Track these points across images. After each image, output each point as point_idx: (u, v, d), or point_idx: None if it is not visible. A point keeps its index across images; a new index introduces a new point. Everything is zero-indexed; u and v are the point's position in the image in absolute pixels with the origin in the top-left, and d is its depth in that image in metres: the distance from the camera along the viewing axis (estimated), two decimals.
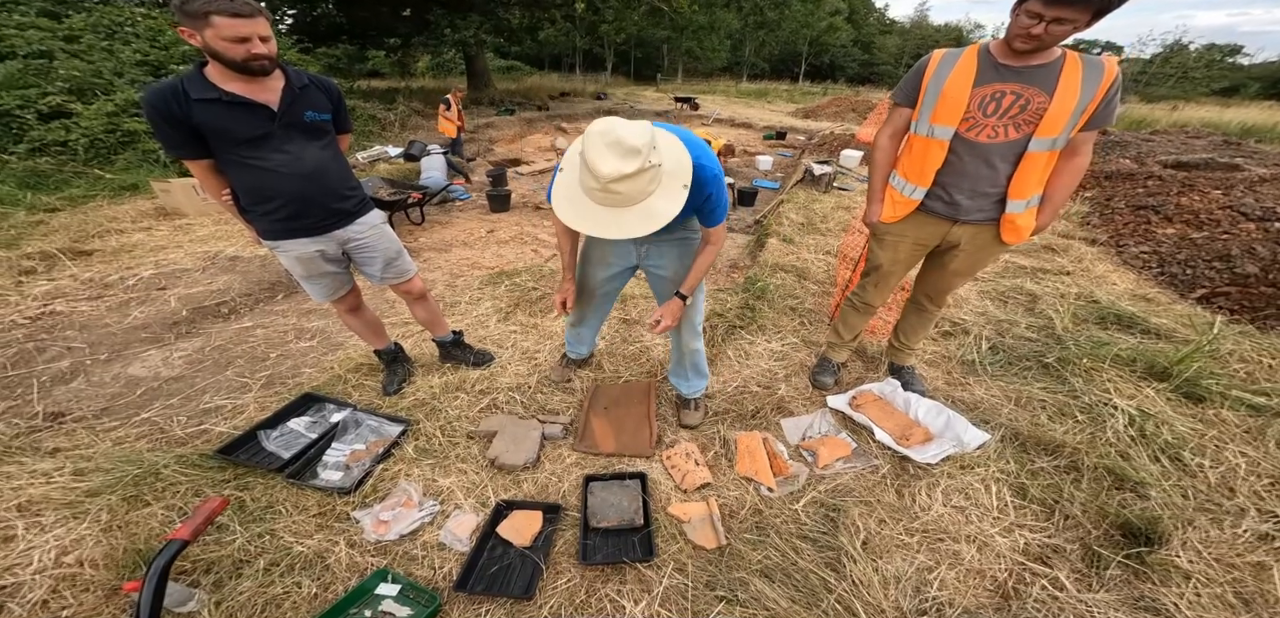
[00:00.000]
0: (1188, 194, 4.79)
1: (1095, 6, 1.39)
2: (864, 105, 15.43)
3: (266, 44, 1.53)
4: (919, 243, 1.98)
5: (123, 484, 1.71)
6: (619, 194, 1.18)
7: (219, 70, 1.54)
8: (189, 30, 1.47)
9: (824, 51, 40.97)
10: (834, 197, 5.39)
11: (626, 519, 1.73)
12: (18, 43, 5.98)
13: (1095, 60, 1.52)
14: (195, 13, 1.43)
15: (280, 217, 1.76)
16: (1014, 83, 1.57)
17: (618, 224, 1.21)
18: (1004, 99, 1.59)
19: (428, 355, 2.65)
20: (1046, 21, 1.42)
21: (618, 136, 1.15)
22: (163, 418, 2.23)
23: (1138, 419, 2.09)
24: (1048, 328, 2.84)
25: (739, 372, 2.56)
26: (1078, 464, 1.91)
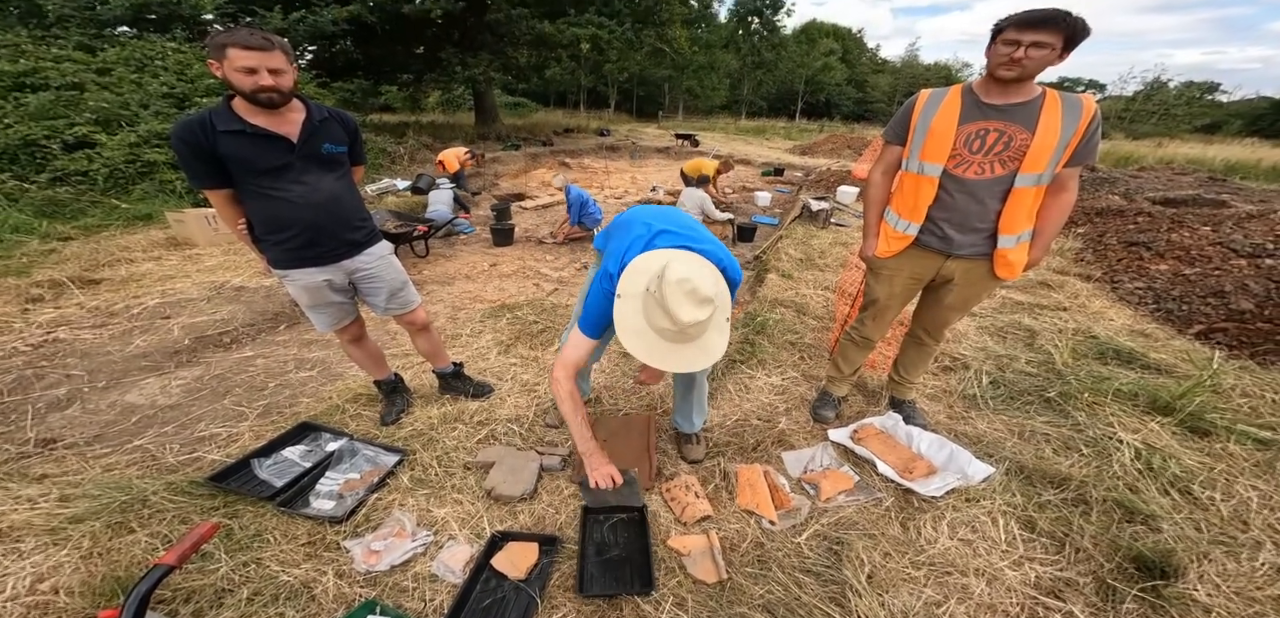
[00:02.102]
0: (1178, 230, 4.87)
1: (1067, 32, 1.47)
2: (859, 142, 15.86)
3: (276, 77, 1.60)
4: (914, 277, 2.01)
5: (108, 511, 1.67)
6: (689, 335, 1.29)
7: (244, 103, 1.62)
8: (215, 63, 1.56)
9: (819, 90, 42.40)
10: (831, 232, 5.48)
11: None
12: (52, 75, 6.14)
13: (1074, 98, 1.59)
14: (218, 46, 1.53)
15: (293, 245, 1.80)
16: (997, 120, 1.63)
17: (681, 359, 1.32)
18: (988, 136, 1.64)
19: (427, 386, 2.64)
20: (1025, 46, 1.50)
21: (694, 287, 1.27)
22: (156, 445, 2.20)
23: (1144, 453, 2.06)
24: (1048, 363, 2.84)
25: (739, 405, 2.55)
26: (1086, 497, 1.87)
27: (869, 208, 2.05)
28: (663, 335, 1.33)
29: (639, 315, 1.39)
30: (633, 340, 1.37)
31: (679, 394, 2.19)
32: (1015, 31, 1.51)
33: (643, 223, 1.63)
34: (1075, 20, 1.47)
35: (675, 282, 1.27)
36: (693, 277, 1.29)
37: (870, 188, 2.02)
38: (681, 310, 1.26)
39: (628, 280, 1.46)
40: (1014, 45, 1.52)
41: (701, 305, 1.27)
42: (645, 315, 1.37)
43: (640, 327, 1.38)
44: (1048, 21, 1.48)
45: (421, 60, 13.84)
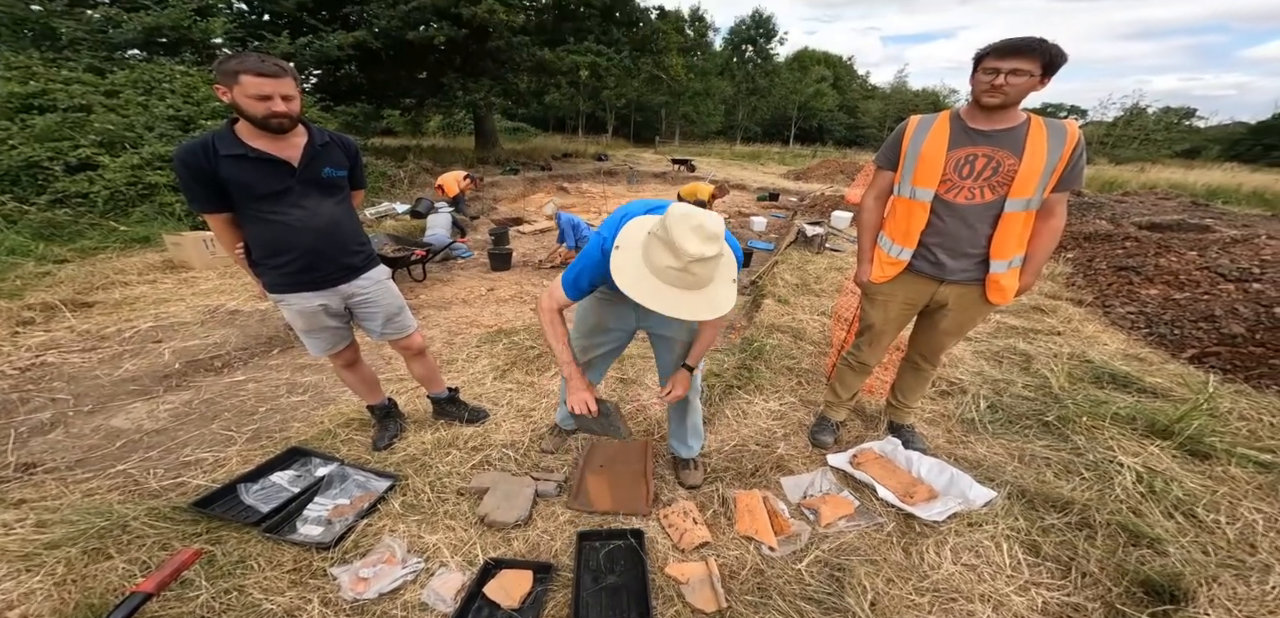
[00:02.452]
0: (1165, 255, 4.94)
1: (1045, 59, 1.52)
2: (851, 167, 16.08)
3: (288, 103, 1.62)
4: (908, 302, 2.01)
5: (85, 536, 1.62)
6: (694, 275, 1.23)
7: (248, 127, 1.63)
8: (223, 88, 1.57)
9: (812, 116, 43.18)
10: (826, 257, 5.53)
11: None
12: (61, 97, 6.13)
13: (1058, 124, 1.63)
14: (229, 71, 1.54)
15: (291, 270, 1.79)
16: (985, 146, 1.66)
17: (687, 305, 1.25)
18: (976, 161, 1.67)
19: (422, 411, 2.61)
20: (1004, 73, 1.55)
21: (700, 222, 1.23)
22: (139, 470, 2.15)
23: (1146, 476, 2.05)
24: (1044, 387, 2.84)
25: (737, 430, 2.52)
26: (1089, 521, 1.84)
27: (863, 233, 2.07)
28: (665, 277, 1.26)
29: (639, 262, 1.32)
30: (633, 285, 1.29)
31: (675, 418, 2.17)
32: (995, 59, 1.56)
33: (643, 204, 1.59)
34: (1051, 47, 1.52)
35: (681, 216, 1.23)
36: (696, 214, 1.24)
37: (863, 213, 2.04)
38: (688, 242, 1.20)
39: (627, 233, 1.40)
40: (994, 73, 1.56)
41: (709, 241, 1.21)
42: (647, 260, 1.30)
43: (641, 272, 1.31)
44: (1025, 48, 1.52)
45: (424, 85, 14.10)
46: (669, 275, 1.25)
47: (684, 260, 1.20)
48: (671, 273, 1.24)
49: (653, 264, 1.29)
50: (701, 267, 1.21)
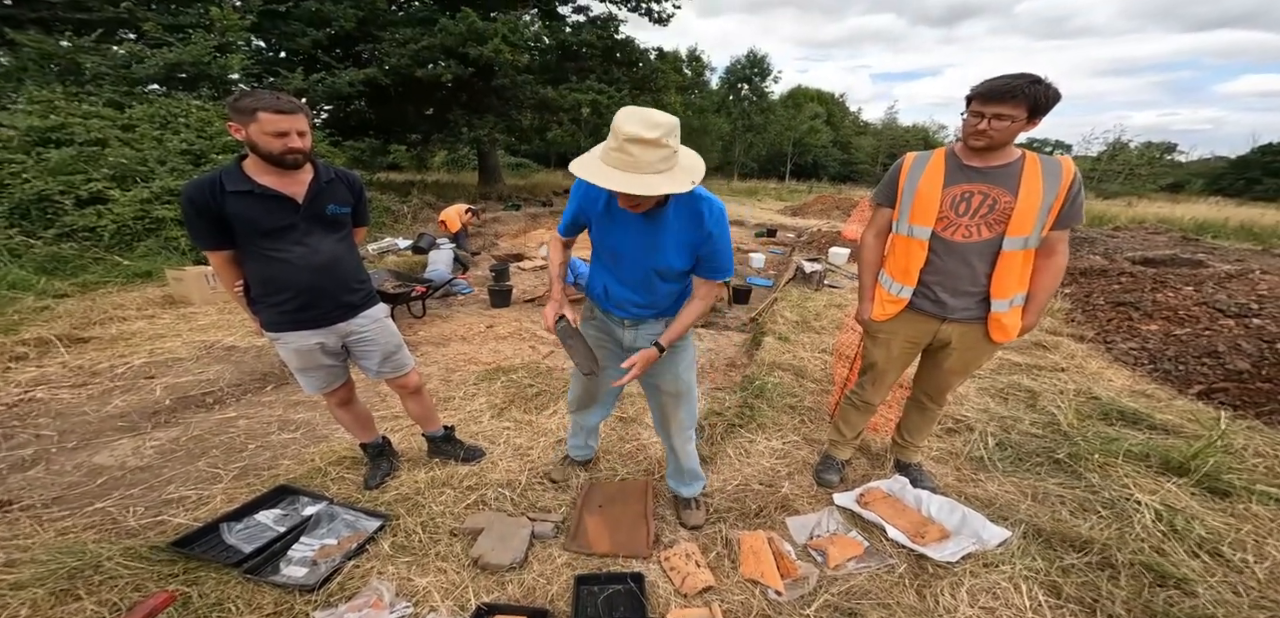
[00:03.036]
0: (1162, 290, 4.96)
1: (1030, 103, 1.51)
2: (847, 202, 16.26)
3: (302, 139, 1.64)
4: (910, 341, 1.98)
5: (55, 577, 1.54)
6: (632, 155, 1.25)
7: (256, 164, 1.64)
8: (236, 125, 1.59)
9: (806, 152, 43.96)
10: (826, 294, 5.53)
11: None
12: (78, 130, 6.16)
13: (1053, 161, 1.63)
14: (244, 109, 1.56)
15: (289, 308, 1.77)
16: (980, 183, 1.66)
17: (619, 180, 1.27)
18: (973, 198, 1.67)
19: (416, 449, 2.54)
20: (988, 118, 1.56)
21: (646, 113, 1.28)
22: (118, 508, 2.06)
23: (1165, 515, 1.98)
24: (1053, 424, 2.78)
25: (739, 470, 2.45)
26: (1111, 561, 1.77)
27: (863, 271, 2.06)
28: (606, 159, 1.30)
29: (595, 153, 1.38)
30: (579, 165, 1.35)
31: (670, 457, 2.12)
32: (979, 105, 1.57)
33: None
34: (1037, 92, 1.50)
35: (629, 108, 1.29)
36: (647, 110, 1.28)
37: (863, 250, 2.03)
38: (626, 123, 1.25)
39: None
40: (979, 117, 1.57)
41: (647, 126, 1.24)
42: (602, 150, 1.35)
43: (589, 160, 1.36)
44: (1007, 94, 1.50)
45: (430, 121, 14.50)
46: (609, 157, 1.30)
47: (619, 139, 1.25)
48: (612, 154, 1.29)
49: (604, 150, 1.34)
50: (638, 148, 1.24)
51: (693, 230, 1.52)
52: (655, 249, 1.56)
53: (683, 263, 1.58)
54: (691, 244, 1.54)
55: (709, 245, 1.53)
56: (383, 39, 11.42)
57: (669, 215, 1.52)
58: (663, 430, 2.06)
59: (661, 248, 1.55)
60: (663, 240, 1.54)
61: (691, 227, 1.52)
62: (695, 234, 1.52)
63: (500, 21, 11.59)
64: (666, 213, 1.52)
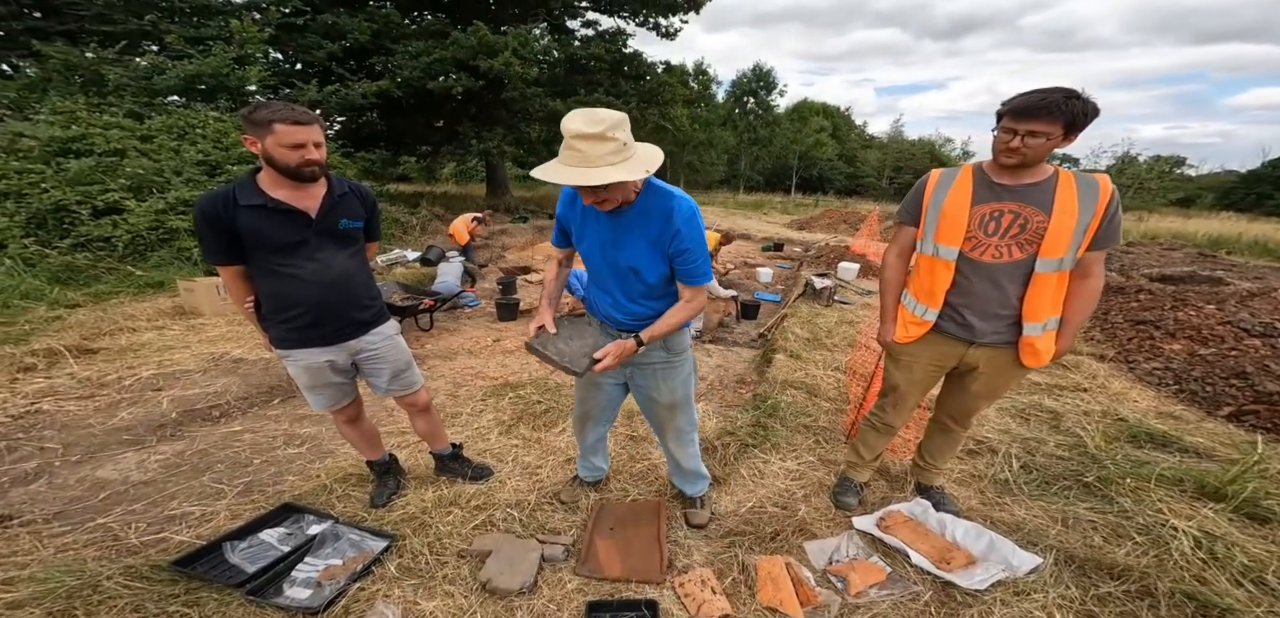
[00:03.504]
0: (1182, 309, 4.84)
1: (1066, 119, 1.44)
2: (854, 216, 16.11)
3: (319, 150, 1.62)
4: (935, 364, 1.91)
5: (52, 596, 1.50)
6: (580, 151, 1.30)
7: (270, 177, 1.62)
8: (252, 138, 1.57)
9: (812, 165, 43.62)
10: (836, 310, 5.46)
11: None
12: (98, 141, 6.23)
13: (1089, 179, 1.56)
14: (260, 122, 1.53)
15: (299, 325, 1.74)
16: (1011, 202, 1.59)
17: (573, 176, 1.33)
18: (1003, 217, 1.60)
19: (423, 466, 2.49)
20: (1021, 135, 1.49)
21: (590, 111, 1.33)
22: (120, 524, 2.03)
23: (1205, 542, 1.88)
24: (1079, 446, 2.69)
25: (754, 491, 2.38)
26: (1150, 589, 1.68)
27: (885, 291, 1.99)
28: (560, 159, 1.36)
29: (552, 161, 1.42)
30: (538, 169, 1.39)
31: (669, 460, 2.13)
32: (1011, 121, 1.51)
33: None
34: (1075, 107, 1.41)
35: (575, 111, 1.34)
36: (596, 108, 1.34)
37: (885, 270, 1.97)
38: (571, 122, 1.31)
39: None
40: (1011, 133, 1.51)
41: (591, 122, 1.30)
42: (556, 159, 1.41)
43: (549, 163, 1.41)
44: (1042, 111, 1.44)
45: (440, 133, 14.66)
46: (563, 156, 1.35)
47: (568, 137, 1.30)
48: (564, 154, 1.35)
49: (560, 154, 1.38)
50: (585, 143, 1.29)
51: (660, 226, 1.52)
52: (624, 247, 1.57)
53: (655, 263, 1.57)
54: (660, 242, 1.54)
55: (678, 242, 1.52)
56: (396, 52, 11.60)
57: (638, 213, 1.53)
58: (661, 438, 2.07)
59: (630, 245, 1.56)
60: (631, 238, 1.55)
61: (660, 223, 1.52)
62: (663, 230, 1.52)
63: (511, 35, 11.74)
64: (635, 210, 1.53)
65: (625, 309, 1.70)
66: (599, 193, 1.39)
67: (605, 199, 1.42)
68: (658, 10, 15.59)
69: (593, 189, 1.36)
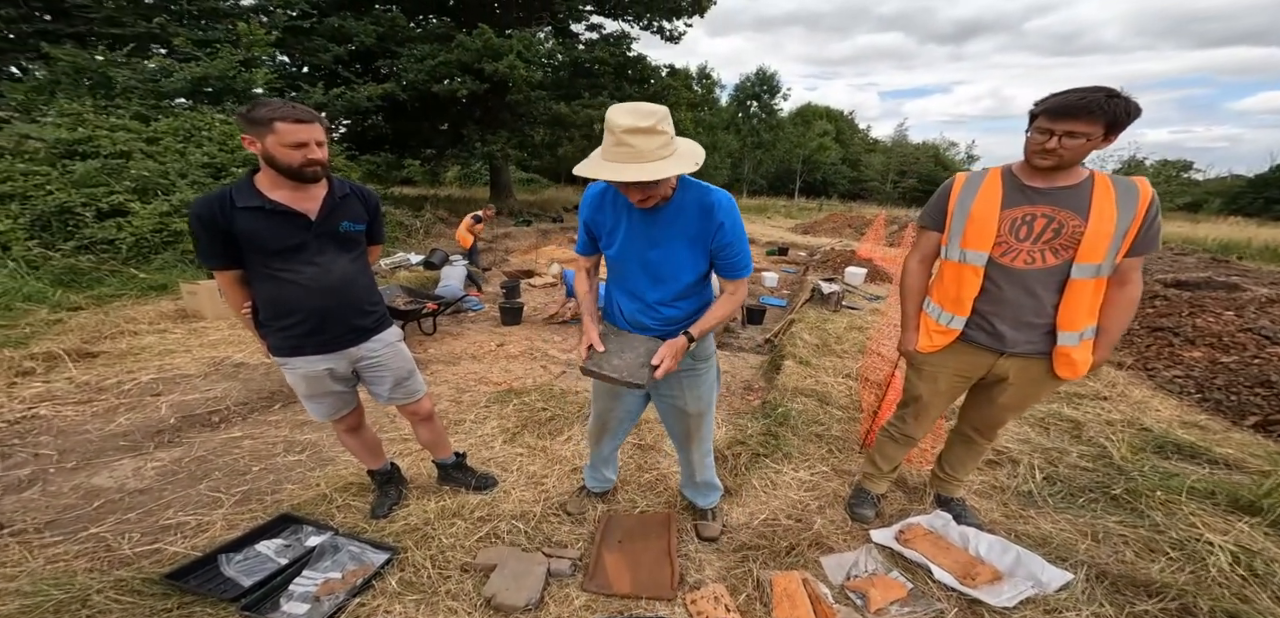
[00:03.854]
0: (1200, 315, 4.74)
1: (1107, 119, 1.36)
2: (859, 220, 16.02)
3: (321, 149, 1.56)
4: (961, 374, 1.83)
5: (39, 610, 1.44)
6: (633, 147, 1.27)
7: (269, 178, 1.56)
8: (251, 138, 1.50)
9: (816, 169, 43.62)
10: (845, 316, 5.37)
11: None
12: (104, 143, 6.21)
13: (1128, 182, 1.48)
14: (260, 120, 1.47)
15: (298, 332, 1.67)
16: (1044, 205, 1.52)
17: (621, 171, 1.29)
18: (1035, 221, 1.52)
19: (425, 475, 2.42)
20: (1058, 136, 1.41)
21: (635, 106, 1.30)
22: (114, 534, 1.97)
23: (1243, 557, 1.80)
24: (1103, 457, 2.60)
25: (767, 503, 2.30)
26: (1189, 608, 1.61)
27: (906, 298, 1.90)
28: (607, 154, 1.32)
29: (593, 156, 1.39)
30: (585, 168, 1.35)
31: (681, 460, 2.05)
32: (1047, 121, 1.43)
33: None
34: (1117, 106, 1.33)
35: (618, 106, 1.31)
36: (636, 103, 1.32)
37: (907, 277, 1.88)
38: (619, 118, 1.27)
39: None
40: (1047, 134, 1.43)
41: (639, 116, 1.28)
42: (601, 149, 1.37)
43: (592, 159, 1.38)
44: (1082, 111, 1.35)
45: (444, 136, 14.71)
46: (610, 152, 1.31)
47: (618, 133, 1.26)
48: (613, 150, 1.30)
49: (599, 151, 1.35)
50: (638, 138, 1.26)
51: (703, 223, 1.49)
52: (661, 245, 1.52)
53: (695, 260, 1.54)
54: (703, 239, 1.51)
55: (722, 237, 1.50)
56: (401, 55, 11.63)
57: (675, 210, 1.49)
58: (682, 449, 1.99)
59: (668, 243, 1.52)
60: (669, 236, 1.50)
61: (702, 219, 1.49)
62: (706, 226, 1.49)
63: (515, 37, 11.75)
64: (672, 207, 1.49)
65: (656, 313, 1.63)
66: (648, 189, 1.35)
67: (650, 195, 1.38)
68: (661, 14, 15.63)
69: (641, 186, 1.32)
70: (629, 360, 1.55)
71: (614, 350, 1.58)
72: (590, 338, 1.58)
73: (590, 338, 1.58)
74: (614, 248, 1.60)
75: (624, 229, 1.56)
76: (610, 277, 1.73)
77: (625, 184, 1.35)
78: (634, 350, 1.59)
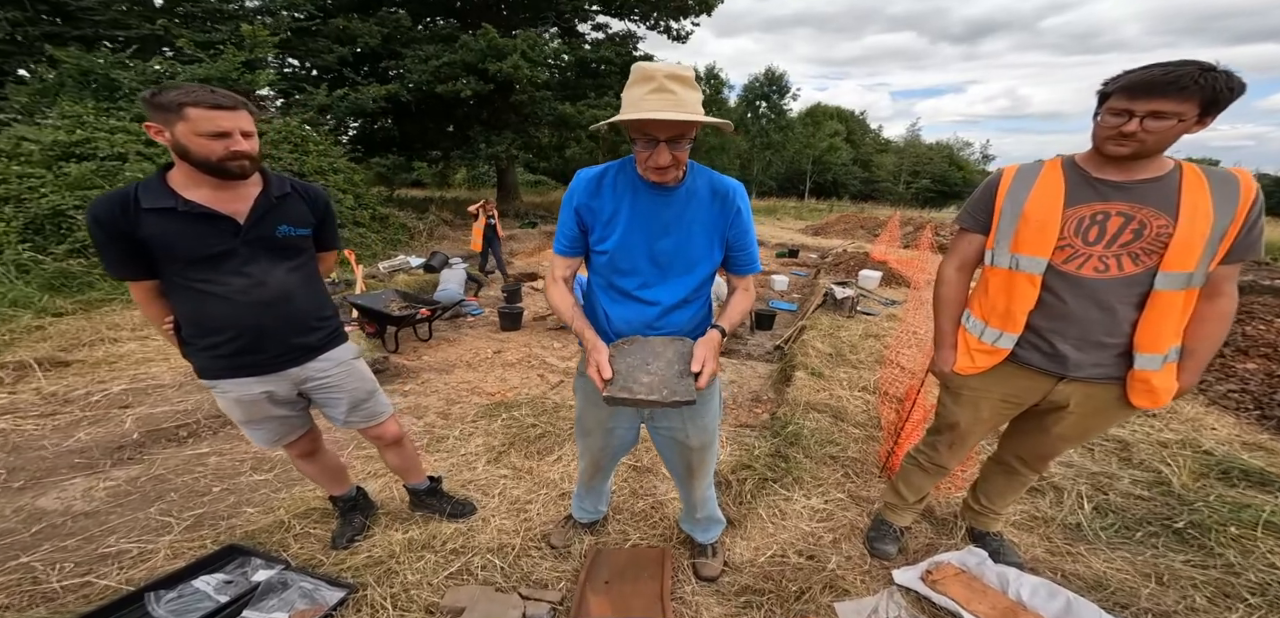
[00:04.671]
0: (1250, 322, 4.37)
1: (1204, 96, 1.09)
2: (871, 222, 15.59)
3: (249, 141, 1.34)
4: (1010, 400, 1.56)
5: None
6: (676, 94, 1.16)
7: (185, 174, 1.33)
8: (157, 126, 1.28)
9: (826, 170, 42.97)
10: (860, 322, 5.07)
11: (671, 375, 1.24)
12: (102, 145, 6.13)
13: (1224, 174, 1.21)
14: (167, 106, 1.24)
15: (226, 351, 1.44)
16: (1120, 201, 1.24)
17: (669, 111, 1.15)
18: (1109, 221, 1.25)
19: (399, 499, 2.20)
20: (1139, 117, 1.15)
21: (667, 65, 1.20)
22: (46, 564, 1.78)
23: None
24: (1161, 483, 2.30)
25: (774, 536, 2.04)
26: None
27: (941, 310, 1.63)
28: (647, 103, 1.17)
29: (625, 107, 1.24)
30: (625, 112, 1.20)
31: (682, 492, 1.80)
32: (1125, 99, 1.16)
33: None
34: (1213, 81, 1.08)
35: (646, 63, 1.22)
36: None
37: (942, 285, 1.61)
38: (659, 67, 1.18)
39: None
40: (1125, 115, 1.17)
41: (680, 70, 1.19)
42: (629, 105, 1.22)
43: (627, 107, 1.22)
44: (1174, 86, 1.09)
45: (451, 138, 14.64)
46: (651, 100, 1.18)
47: (660, 78, 1.18)
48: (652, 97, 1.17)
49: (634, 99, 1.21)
50: (679, 86, 1.18)
51: (718, 209, 1.35)
52: (674, 233, 1.34)
53: (711, 252, 1.38)
54: (719, 227, 1.37)
55: (739, 224, 1.38)
56: (406, 56, 11.56)
57: (688, 194, 1.33)
58: (683, 485, 1.75)
59: (682, 231, 1.34)
60: (683, 223, 1.34)
61: (717, 205, 1.35)
62: (723, 213, 1.35)
63: (520, 37, 11.63)
64: (685, 190, 1.33)
65: (663, 321, 1.38)
66: (683, 148, 1.22)
67: (675, 162, 1.22)
68: (668, 13, 15.43)
69: (672, 147, 1.20)
70: (661, 373, 1.23)
71: (636, 365, 1.24)
72: (598, 359, 1.25)
73: (598, 359, 1.25)
74: (612, 239, 1.34)
75: (625, 216, 1.32)
76: (597, 281, 1.46)
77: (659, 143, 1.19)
78: (659, 357, 1.26)
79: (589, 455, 1.74)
